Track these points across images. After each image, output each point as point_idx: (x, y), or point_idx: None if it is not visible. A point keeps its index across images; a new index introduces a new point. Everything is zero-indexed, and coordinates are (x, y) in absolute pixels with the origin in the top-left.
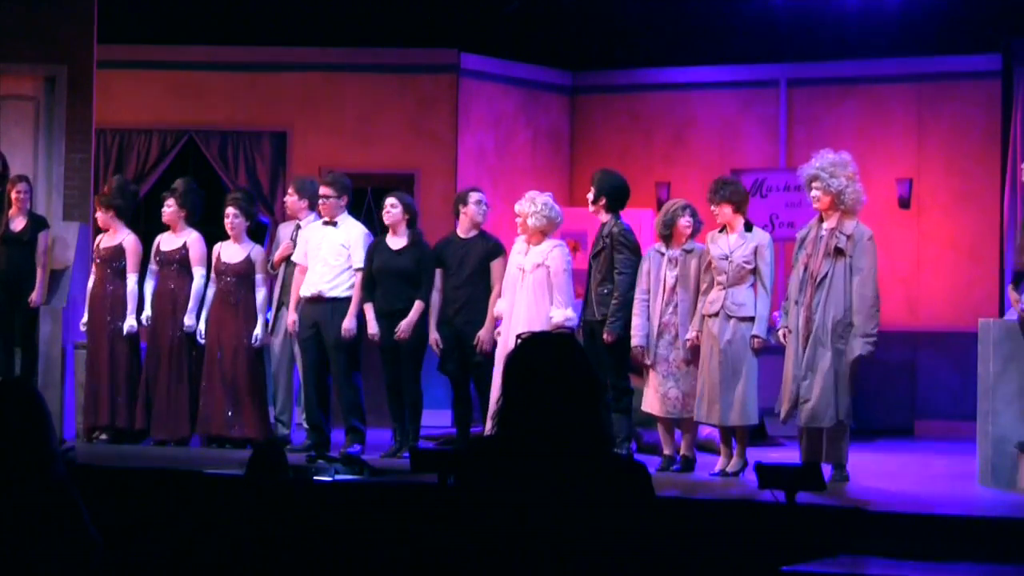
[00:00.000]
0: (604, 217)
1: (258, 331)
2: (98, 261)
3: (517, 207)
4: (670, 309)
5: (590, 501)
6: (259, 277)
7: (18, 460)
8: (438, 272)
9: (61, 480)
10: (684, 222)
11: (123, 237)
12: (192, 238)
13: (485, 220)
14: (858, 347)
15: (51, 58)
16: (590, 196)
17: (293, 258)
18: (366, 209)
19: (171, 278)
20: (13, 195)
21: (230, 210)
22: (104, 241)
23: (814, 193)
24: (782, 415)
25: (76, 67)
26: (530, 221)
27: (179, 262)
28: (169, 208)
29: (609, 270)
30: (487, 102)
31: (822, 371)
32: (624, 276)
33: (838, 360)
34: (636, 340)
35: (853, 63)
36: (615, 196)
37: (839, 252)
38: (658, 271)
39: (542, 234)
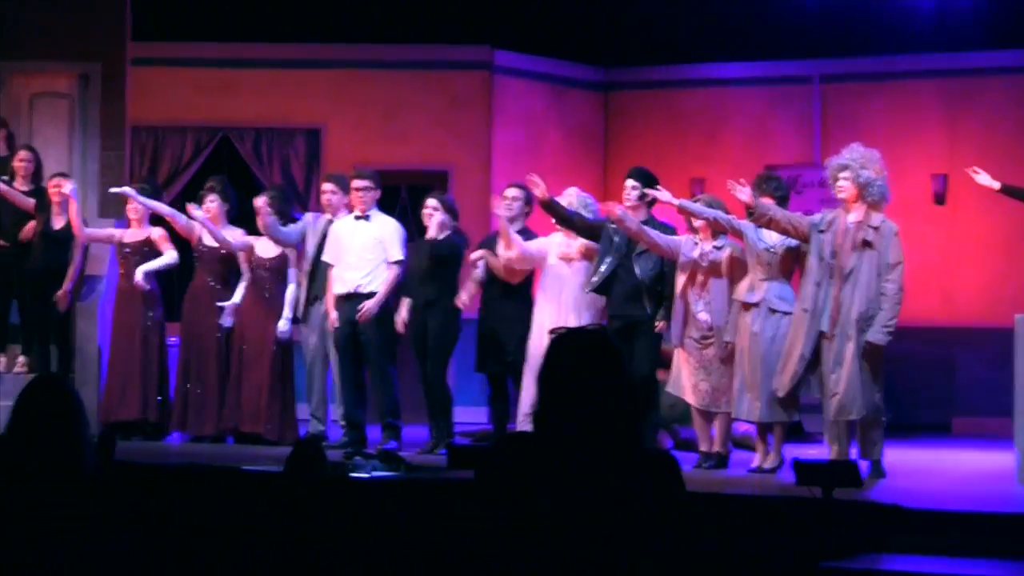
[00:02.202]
0: (644, 214)
1: (282, 325)
2: (124, 256)
3: (565, 203)
4: (701, 303)
5: (622, 494)
6: (292, 271)
7: (51, 454)
8: (481, 268)
9: (92, 475)
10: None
11: (148, 231)
12: (236, 234)
13: (513, 213)
14: (875, 335)
15: (85, 56)
16: (636, 192)
17: (323, 257)
18: (400, 207)
19: (210, 274)
20: (52, 192)
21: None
22: (128, 236)
23: (841, 183)
24: (780, 391)
25: (110, 65)
26: (585, 212)
27: (219, 258)
28: (212, 204)
29: (660, 266)
30: (520, 99)
31: (848, 363)
32: (672, 271)
33: (863, 352)
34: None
35: (886, 59)
36: None
37: (867, 244)
38: (693, 264)
39: None
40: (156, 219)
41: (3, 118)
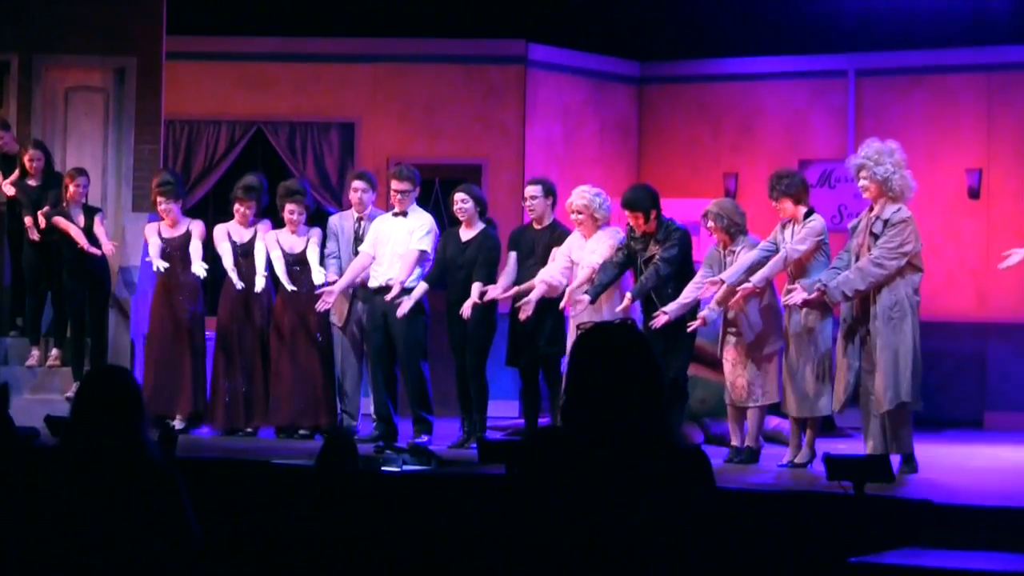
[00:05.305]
0: (652, 227)
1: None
2: (166, 254)
3: (579, 202)
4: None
5: (652, 489)
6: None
7: (110, 442)
8: (513, 260)
9: (158, 464)
10: (708, 225)
11: (186, 224)
12: (262, 228)
13: (541, 212)
14: (833, 291)
15: (120, 50)
16: (639, 221)
17: (361, 248)
18: (434, 199)
19: (243, 268)
20: (72, 187)
21: (291, 207)
22: (166, 231)
23: (862, 183)
24: (837, 406)
25: (145, 59)
26: (597, 214)
27: (249, 253)
28: (250, 210)
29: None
30: (555, 92)
31: (880, 356)
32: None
33: (894, 340)
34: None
35: (922, 53)
36: (658, 206)
37: (874, 236)
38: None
39: (597, 227)
40: (191, 213)
41: (6, 120)
